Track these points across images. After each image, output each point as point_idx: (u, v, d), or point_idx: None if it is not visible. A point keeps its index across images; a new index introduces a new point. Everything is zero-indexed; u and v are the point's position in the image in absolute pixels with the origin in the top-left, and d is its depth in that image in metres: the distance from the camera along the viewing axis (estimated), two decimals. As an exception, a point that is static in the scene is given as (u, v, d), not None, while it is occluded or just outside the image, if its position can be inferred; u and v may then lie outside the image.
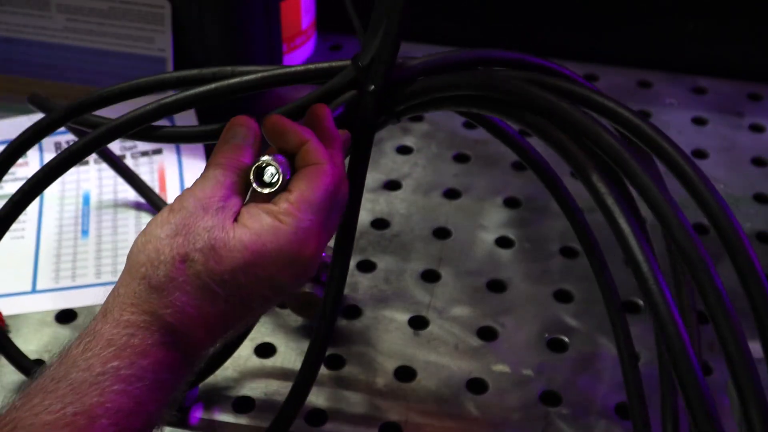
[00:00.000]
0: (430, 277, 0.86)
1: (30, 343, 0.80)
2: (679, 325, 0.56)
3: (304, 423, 0.75)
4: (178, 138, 0.69)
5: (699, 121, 1.03)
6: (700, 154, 0.99)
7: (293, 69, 0.65)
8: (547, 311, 0.83)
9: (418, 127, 1.02)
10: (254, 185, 0.56)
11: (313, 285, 0.78)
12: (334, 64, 0.65)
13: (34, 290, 0.85)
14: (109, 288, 0.55)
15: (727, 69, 1.09)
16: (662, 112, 1.04)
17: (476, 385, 0.77)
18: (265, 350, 0.80)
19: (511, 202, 0.93)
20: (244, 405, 0.76)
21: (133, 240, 0.77)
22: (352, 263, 0.87)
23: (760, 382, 0.54)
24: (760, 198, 0.94)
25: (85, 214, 0.91)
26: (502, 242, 0.89)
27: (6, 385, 0.76)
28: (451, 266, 0.87)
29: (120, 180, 0.91)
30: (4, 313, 0.82)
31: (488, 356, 0.79)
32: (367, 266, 0.87)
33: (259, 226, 0.54)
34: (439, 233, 0.90)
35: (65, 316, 0.82)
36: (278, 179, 0.56)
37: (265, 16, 0.96)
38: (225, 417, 0.75)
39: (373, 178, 0.96)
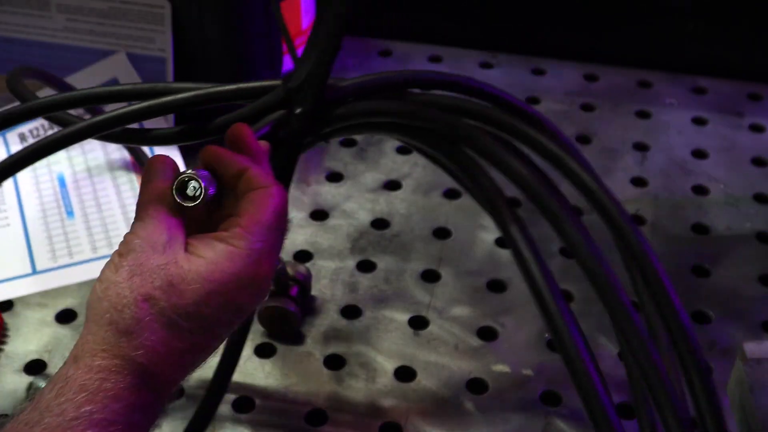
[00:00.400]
0: (430, 277, 0.86)
1: (30, 343, 0.80)
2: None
3: (304, 423, 0.75)
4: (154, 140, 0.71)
5: (699, 121, 1.03)
6: (700, 154, 0.99)
7: (225, 88, 0.66)
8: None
9: (418, 127, 1.02)
10: (177, 199, 0.57)
11: (284, 299, 0.79)
12: (265, 83, 0.66)
13: (35, 271, 0.86)
14: (107, 261, 0.56)
15: (727, 69, 1.09)
16: (662, 112, 1.04)
17: (476, 385, 0.77)
18: (265, 350, 0.80)
19: (511, 202, 0.93)
20: (244, 405, 0.76)
21: (119, 213, 0.77)
22: (352, 263, 0.87)
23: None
24: (760, 198, 0.94)
25: (65, 196, 0.93)
26: (502, 242, 0.89)
27: (5, 388, 0.76)
28: (451, 266, 0.87)
29: (91, 156, 0.93)
30: (12, 296, 0.83)
31: (488, 356, 0.79)
32: (367, 266, 0.87)
33: (213, 254, 0.55)
34: (439, 233, 0.90)
35: (65, 316, 0.82)
36: (200, 193, 0.57)
37: (265, 16, 0.96)
38: (225, 417, 0.75)
39: (373, 178, 0.96)
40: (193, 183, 0.57)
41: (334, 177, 0.96)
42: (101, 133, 0.66)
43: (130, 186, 0.94)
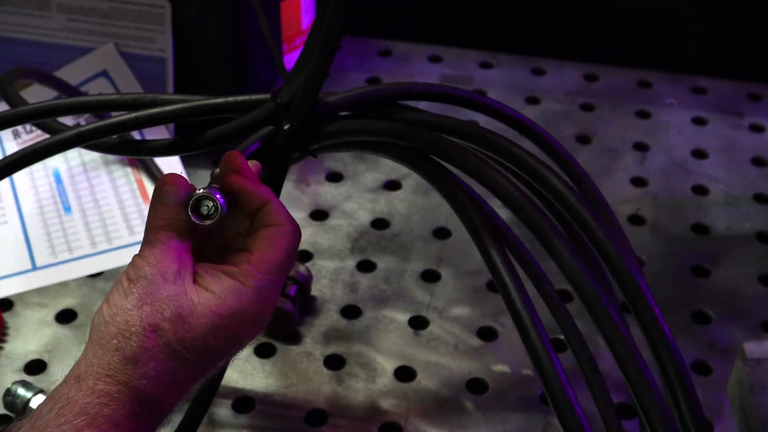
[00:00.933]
0: (430, 277, 0.86)
1: (30, 343, 0.80)
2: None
3: (304, 423, 0.75)
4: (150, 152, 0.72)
5: (699, 121, 1.03)
6: (700, 154, 0.99)
7: (214, 101, 0.67)
8: (547, 311, 0.83)
9: (418, 127, 1.02)
10: (192, 218, 0.57)
11: (281, 299, 0.79)
12: (254, 97, 0.67)
13: (35, 267, 0.86)
14: (107, 255, 0.56)
15: (727, 69, 1.09)
16: (662, 112, 1.04)
17: (476, 385, 0.77)
18: (265, 350, 0.80)
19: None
20: (244, 405, 0.76)
21: (117, 208, 0.78)
22: (352, 263, 0.87)
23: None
24: (760, 198, 0.94)
25: (62, 192, 0.93)
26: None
27: (5, 386, 0.76)
28: (451, 266, 0.87)
29: (85, 151, 0.93)
30: (13, 292, 0.84)
31: (488, 356, 0.79)
32: (367, 266, 0.87)
33: (221, 290, 0.56)
34: (439, 233, 0.90)
35: (65, 316, 0.82)
36: (215, 212, 0.57)
37: (265, 16, 0.96)
38: (225, 417, 0.75)
39: (373, 178, 0.96)
40: (207, 202, 0.57)
41: (334, 177, 0.96)
42: (89, 142, 0.67)
43: (126, 180, 0.94)
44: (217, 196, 0.57)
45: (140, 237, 0.88)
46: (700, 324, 0.82)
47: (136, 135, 0.90)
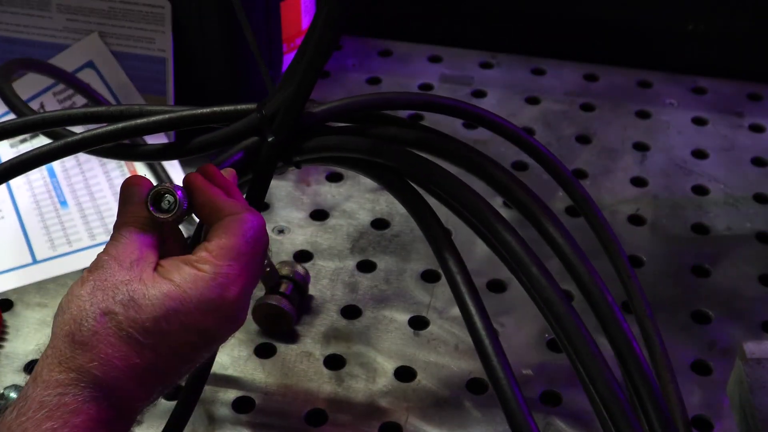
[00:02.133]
0: (430, 277, 0.86)
1: (30, 343, 0.80)
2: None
3: (304, 423, 0.75)
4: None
5: (699, 121, 1.03)
6: (700, 154, 0.99)
7: (199, 111, 0.68)
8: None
9: (418, 127, 1.02)
10: (151, 210, 0.58)
11: (277, 297, 0.79)
12: (239, 107, 0.67)
13: (35, 261, 0.87)
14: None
15: (727, 69, 1.09)
16: (662, 112, 1.04)
17: (476, 385, 0.77)
18: (265, 350, 0.80)
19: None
20: (244, 405, 0.76)
21: (113, 200, 0.78)
22: (352, 263, 0.87)
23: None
24: (760, 198, 0.94)
25: (56, 186, 0.93)
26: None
27: (5, 385, 0.76)
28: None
29: None
30: (15, 285, 0.84)
31: (488, 356, 0.79)
32: (367, 266, 0.87)
33: (179, 276, 0.56)
34: (439, 233, 0.90)
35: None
36: (174, 206, 0.58)
37: (265, 16, 0.96)
38: (225, 417, 0.75)
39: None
40: (168, 196, 0.58)
41: (334, 177, 0.96)
42: (77, 151, 0.68)
43: (120, 172, 0.95)
44: (178, 192, 0.58)
45: None
46: (700, 324, 0.82)
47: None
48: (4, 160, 0.96)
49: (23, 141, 0.97)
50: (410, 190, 0.67)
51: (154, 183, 0.60)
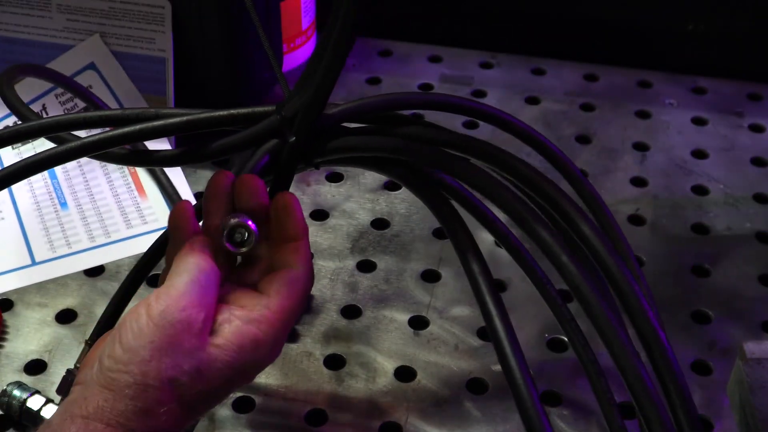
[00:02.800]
0: (430, 277, 0.86)
1: (30, 343, 0.80)
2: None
3: (304, 423, 0.75)
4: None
5: (699, 121, 1.03)
6: (700, 154, 0.99)
7: (218, 114, 0.67)
8: (547, 311, 0.82)
9: (418, 127, 1.02)
10: (229, 247, 0.58)
11: None
12: (257, 110, 0.67)
13: (34, 263, 0.87)
14: (106, 248, 0.56)
15: (727, 69, 1.09)
16: (662, 112, 1.04)
17: (476, 385, 0.77)
18: (265, 350, 0.80)
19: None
20: (244, 405, 0.76)
21: (113, 203, 0.78)
22: (352, 263, 0.87)
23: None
24: (760, 198, 0.94)
25: (57, 188, 0.93)
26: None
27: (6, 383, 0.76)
28: (451, 266, 0.87)
29: None
30: (14, 286, 0.84)
31: (488, 356, 0.79)
32: (367, 266, 0.87)
33: (239, 341, 0.55)
34: (439, 233, 0.90)
35: (65, 316, 0.82)
36: (249, 238, 0.58)
37: (265, 16, 0.96)
38: (225, 417, 0.75)
39: (373, 177, 0.96)
40: (241, 230, 0.58)
41: (334, 177, 0.96)
42: (94, 152, 0.67)
43: (120, 174, 0.95)
44: (249, 222, 0.58)
45: (137, 230, 0.90)
46: (700, 324, 0.82)
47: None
48: (4, 160, 0.96)
49: (24, 143, 0.97)
50: (432, 189, 0.67)
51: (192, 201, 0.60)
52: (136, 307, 0.55)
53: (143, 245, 0.81)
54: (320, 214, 0.92)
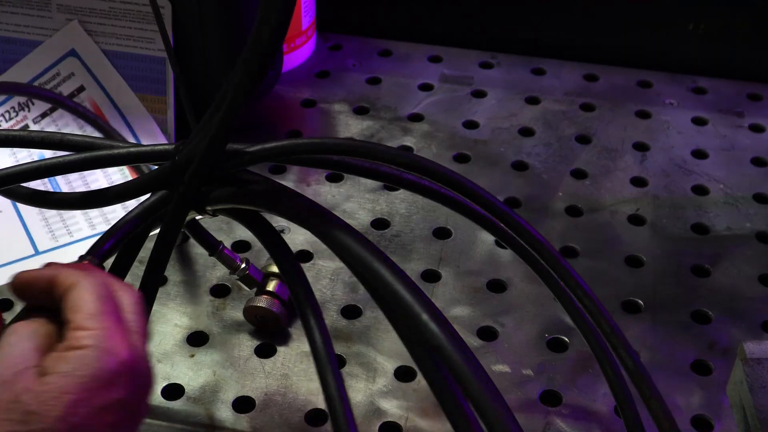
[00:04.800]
0: (430, 277, 0.86)
1: (30, 343, 0.80)
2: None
3: (304, 423, 0.75)
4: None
5: (699, 121, 1.03)
6: (700, 154, 0.99)
7: (116, 152, 0.67)
8: (547, 311, 0.83)
9: (419, 127, 1.02)
10: None
11: (271, 300, 0.79)
12: (156, 148, 0.66)
13: (37, 252, 0.88)
14: None
15: (727, 69, 1.09)
16: (662, 112, 1.04)
17: (476, 385, 0.77)
18: (265, 350, 0.80)
19: (511, 202, 0.93)
20: (244, 405, 0.76)
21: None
22: (352, 263, 0.87)
23: None
24: (760, 198, 0.94)
25: (52, 179, 0.94)
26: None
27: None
28: (451, 266, 0.87)
29: (67, 131, 0.93)
30: None
31: (488, 356, 0.79)
32: (367, 266, 0.87)
33: (65, 366, 0.51)
34: (439, 233, 0.90)
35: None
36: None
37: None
38: (225, 417, 0.75)
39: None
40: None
41: (334, 177, 0.96)
42: None
43: (118, 168, 0.95)
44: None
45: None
46: (700, 324, 0.82)
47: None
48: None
49: None
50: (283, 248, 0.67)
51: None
52: None
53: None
54: (320, 214, 0.92)
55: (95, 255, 0.65)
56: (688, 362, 0.78)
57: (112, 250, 0.66)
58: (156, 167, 0.66)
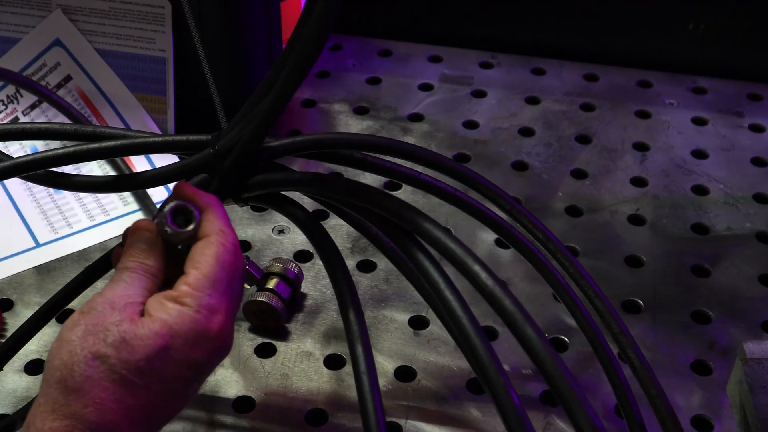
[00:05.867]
0: (430, 277, 0.86)
1: (30, 343, 0.80)
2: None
3: (304, 423, 0.75)
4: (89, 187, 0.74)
5: (699, 121, 1.03)
6: (700, 154, 0.99)
7: (153, 140, 0.68)
8: (547, 311, 0.83)
9: (419, 127, 1.02)
10: (173, 229, 0.59)
11: (271, 296, 0.80)
12: (192, 138, 0.67)
13: (38, 245, 0.89)
14: (106, 226, 0.57)
15: (727, 69, 1.09)
16: (662, 112, 1.04)
17: (476, 385, 0.77)
18: (265, 350, 0.80)
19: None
20: (244, 405, 0.76)
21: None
22: (352, 263, 0.87)
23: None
24: (760, 198, 0.94)
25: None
26: (502, 242, 0.89)
27: (5, 388, 0.76)
28: (451, 266, 0.87)
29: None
30: (21, 269, 0.86)
31: (488, 356, 0.79)
32: (367, 266, 0.87)
33: (165, 314, 0.55)
34: (439, 233, 0.90)
35: (65, 316, 0.82)
36: (191, 218, 0.59)
37: (264, 15, 0.96)
38: (225, 417, 0.75)
39: (373, 178, 0.95)
40: (181, 213, 0.59)
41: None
42: (22, 174, 0.69)
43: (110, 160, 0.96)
44: (188, 204, 0.59)
45: (134, 206, 0.91)
46: (700, 324, 0.82)
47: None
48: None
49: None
50: (325, 238, 0.68)
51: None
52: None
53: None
54: (320, 214, 0.92)
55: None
56: (688, 362, 0.78)
57: None
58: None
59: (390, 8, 1.15)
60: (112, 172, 0.94)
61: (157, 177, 0.68)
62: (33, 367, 0.78)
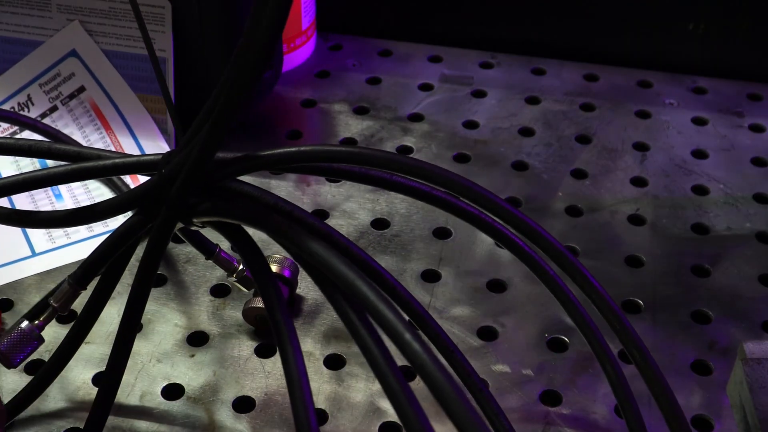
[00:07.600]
0: (430, 277, 0.86)
1: (30, 343, 0.80)
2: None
3: (304, 423, 0.75)
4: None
5: (699, 121, 1.03)
6: (700, 154, 0.99)
7: (102, 164, 0.66)
8: (547, 311, 0.83)
9: (418, 127, 1.02)
10: None
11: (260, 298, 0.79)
12: (142, 159, 0.66)
13: (34, 254, 0.88)
14: (102, 238, 0.56)
15: (727, 69, 1.09)
16: (662, 112, 1.05)
17: (474, 386, 0.77)
18: (265, 350, 0.80)
19: (511, 202, 0.93)
20: (244, 405, 0.76)
21: (107, 192, 0.79)
22: (352, 263, 0.87)
23: None
24: (760, 198, 0.94)
25: (54, 187, 0.94)
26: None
27: (5, 388, 0.76)
28: (451, 266, 0.87)
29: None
30: (15, 278, 0.86)
31: (488, 356, 0.79)
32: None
33: None
34: (439, 233, 0.90)
35: (65, 316, 0.82)
36: None
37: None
38: (225, 417, 0.75)
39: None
40: None
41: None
42: None
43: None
44: None
45: None
46: (700, 324, 0.82)
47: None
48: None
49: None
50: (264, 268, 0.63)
51: None
52: None
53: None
54: (320, 214, 0.92)
55: (80, 286, 0.66)
56: (688, 362, 0.78)
57: (96, 274, 0.68)
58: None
59: (390, 8, 1.15)
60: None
61: (111, 208, 0.67)
62: (33, 367, 0.78)
